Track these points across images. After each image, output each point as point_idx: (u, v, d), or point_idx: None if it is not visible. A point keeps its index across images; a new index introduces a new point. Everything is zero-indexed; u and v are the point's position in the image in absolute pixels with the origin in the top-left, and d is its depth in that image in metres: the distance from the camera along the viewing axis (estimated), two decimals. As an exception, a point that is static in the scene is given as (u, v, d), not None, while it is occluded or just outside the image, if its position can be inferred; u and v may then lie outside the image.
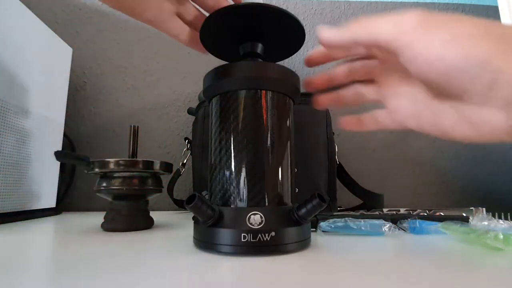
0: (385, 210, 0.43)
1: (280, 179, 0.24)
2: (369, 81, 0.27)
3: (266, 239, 0.22)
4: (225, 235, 0.22)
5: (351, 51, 0.26)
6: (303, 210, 0.23)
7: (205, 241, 0.23)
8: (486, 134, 0.19)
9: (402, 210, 0.41)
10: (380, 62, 0.25)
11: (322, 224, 0.31)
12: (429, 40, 0.18)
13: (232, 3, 0.26)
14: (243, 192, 0.23)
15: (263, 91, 0.23)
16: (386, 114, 0.26)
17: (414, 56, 0.19)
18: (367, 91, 0.27)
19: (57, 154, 0.33)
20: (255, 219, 0.22)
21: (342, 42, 0.22)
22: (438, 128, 0.22)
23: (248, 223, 0.22)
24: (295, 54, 0.30)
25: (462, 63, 0.17)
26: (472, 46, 0.17)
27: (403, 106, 0.24)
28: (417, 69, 0.19)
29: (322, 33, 0.22)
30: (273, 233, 0.22)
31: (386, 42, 0.20)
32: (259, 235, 0.21)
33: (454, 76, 0.18)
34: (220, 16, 0.25)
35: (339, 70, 0.28)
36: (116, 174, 0.34)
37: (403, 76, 0.23)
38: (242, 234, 0.21)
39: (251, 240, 0.21)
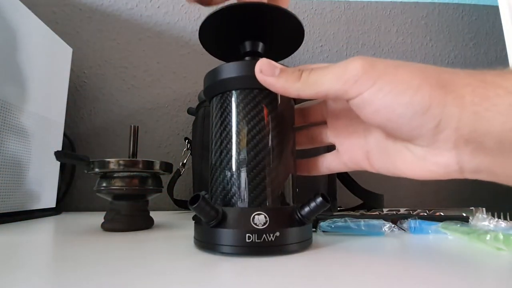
0: (385, 210, 0.43)
1: (282, 179, 0.24)
2: (322, 123, 0.27)
3: (271, 239, 0.21)
4: (228, 235, 0.22)
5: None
6: (306, 210, 0.23)
7: (207, 242, 0.23)
8: (439, 173, 0.19)
9: (402, 210, 0.41)
10: (330, 105, 0.26)
11: (322, 224, 0.31)
12: (375, 90, 0.18)
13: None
14: (245, 193, 0.23)
15: (265, 90, 0.23)
16: (337, 157, 0.26)
17: (362, 105, 0.19)
18: (320, 133, 0.27)
19: (57, 154, 0.33)
20: (260, 219, 0.22)
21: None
22: (392, 167, 0.22)
23: (252, 223, 0.22)
24: (295, 54, 0.30)
25: (406, 111, 0.18)
26: (414, 94, 0.17)
27: (355, 148, 0.24)
28: (367, 117, 0.20)
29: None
30: (277, 233, 0.22)
31: (334, 96, 0.20)
32: (264, 235, 0.21)
33: (402, 123, 0.19)
34: (220, 15, 0.25)
35: None
36: (116, 174, 0.34)
37: (354, 117, 0.23)
38: (247, 235, 0.21)
39: (256, 240, 0.21)
